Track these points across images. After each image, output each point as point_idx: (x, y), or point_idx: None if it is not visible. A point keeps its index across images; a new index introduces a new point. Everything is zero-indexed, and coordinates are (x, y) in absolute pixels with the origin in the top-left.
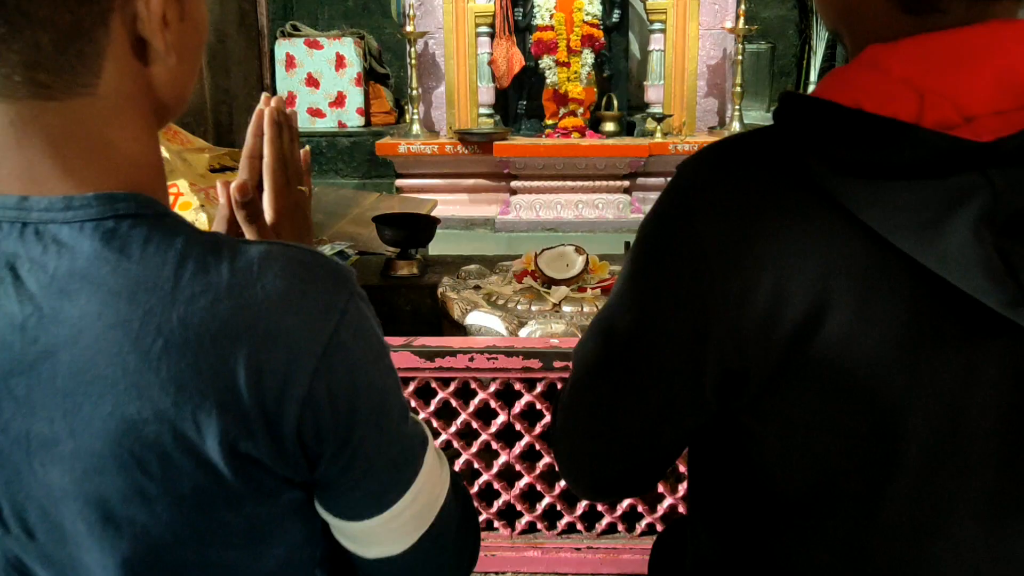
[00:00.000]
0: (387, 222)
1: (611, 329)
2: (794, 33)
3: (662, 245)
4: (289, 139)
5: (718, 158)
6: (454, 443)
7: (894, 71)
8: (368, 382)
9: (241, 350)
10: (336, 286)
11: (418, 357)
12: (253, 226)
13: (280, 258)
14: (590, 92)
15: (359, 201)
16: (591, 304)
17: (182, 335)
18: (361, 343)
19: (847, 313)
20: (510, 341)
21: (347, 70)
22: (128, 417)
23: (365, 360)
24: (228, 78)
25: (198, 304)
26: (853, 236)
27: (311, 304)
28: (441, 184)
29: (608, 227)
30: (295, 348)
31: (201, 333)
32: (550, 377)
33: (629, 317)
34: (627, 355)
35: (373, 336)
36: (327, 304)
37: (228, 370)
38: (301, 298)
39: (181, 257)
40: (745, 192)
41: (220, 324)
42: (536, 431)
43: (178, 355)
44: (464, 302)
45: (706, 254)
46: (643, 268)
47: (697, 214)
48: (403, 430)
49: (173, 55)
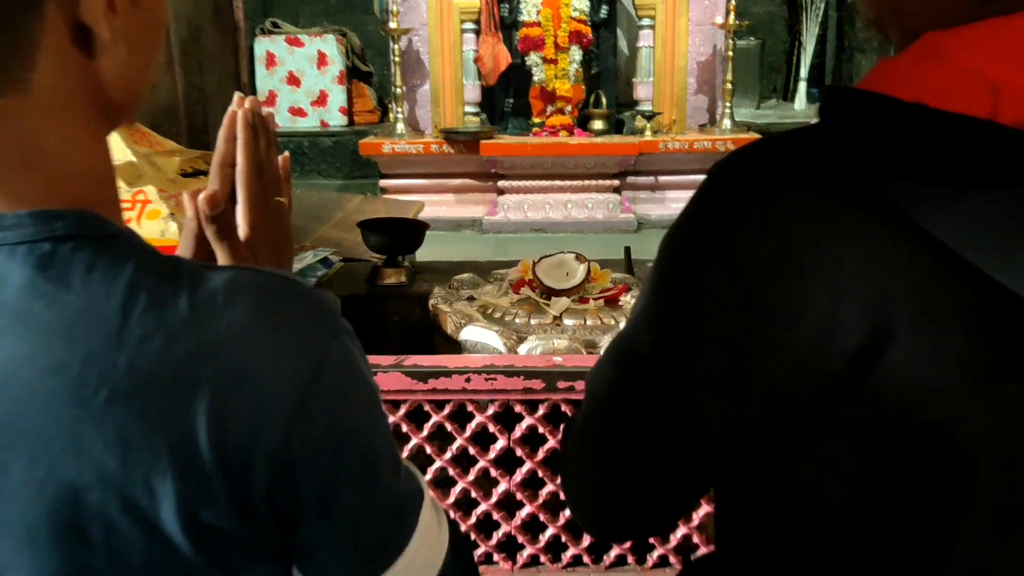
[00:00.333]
0: (373, 228)
1: (634, 353)
2: (783, 29)
3: (695, 262)
4: (266, 144)
5: (759, 162)
6: (449, 470)
7: (960, 61)
8: (354, 433)
9: (201, 400)
10: (317, 320)
11: (410, 378)
12: (224, 243)
13: (250, 287)
14: (578, 89)
15: (343, 204)
16: (594, 317)
17: (130, 383)
18: (346, 388)
19: (911, 340)
20: (509, 360)
21: (329, 68)
22: (66, 482)
23: (351, 408)
24: (202, 75)
25: (150, 345)
26: (917, 251)
27: (286, 343)
28: (426, 184)
29: (598, 227)
30: (266, 396)
31: (153, 380)
32: (553, 399)
33: (656, 340)
34: (652, 381)
35: (360, 378)
36: (306, 342)
37: (186, 424)
38: (274, 336)
39: (131, 288)
40: (792, 201)
41: (176, 369)
42: (539, 456)
43: (126, 407)
44: (458, 315)
45: (747, 273)
46: (672, 287)
47: (737, 227)
48: (395, 485)
49: (122, 45)
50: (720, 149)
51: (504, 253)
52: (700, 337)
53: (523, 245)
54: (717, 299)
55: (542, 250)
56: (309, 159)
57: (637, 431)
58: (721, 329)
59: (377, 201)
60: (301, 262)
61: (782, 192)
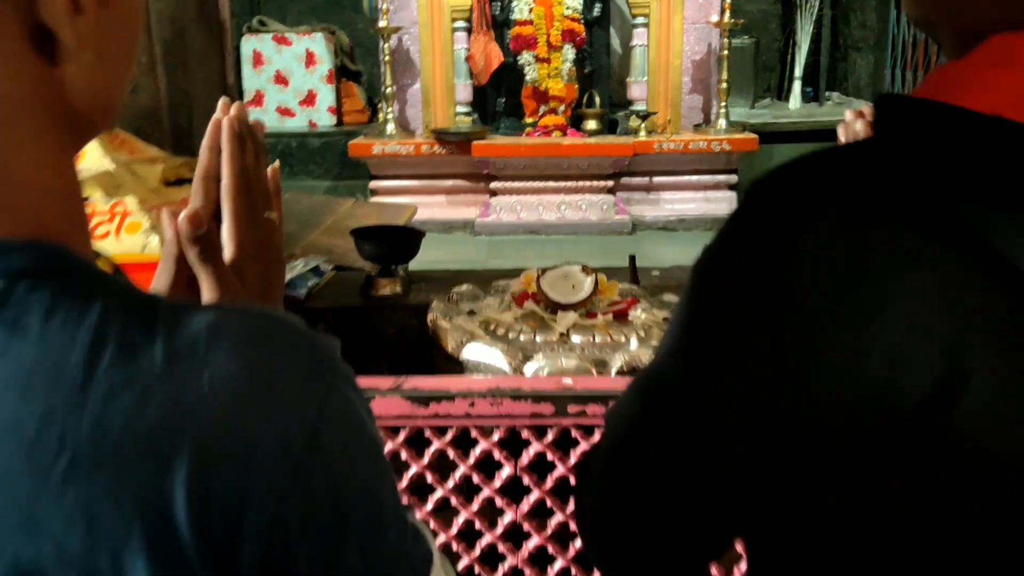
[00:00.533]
0: (367, 236)
1: (663, 390)
2: (777, 27)
3: (736, 294)
4: (254, 155)
5: (810, 182)
6: (452, 500)
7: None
8: (357, 498)
9: (179, 468)
10: (313, 370)
11: (409, 402)
12: (208, 266)
13: (235, 332)
14: (571, 89)
15: (333, 209)
16: (603, 332)
17: (96, 447)
18: (347, 448)
19: (990, 385)
20: (516, 382)
21: (317, 67)
22: (22, 562)
23: (353, 470)
24: (186, 77)
25: (119, 403)
26: (994, 281)
27: (278, 397)
28: (417, 186)
29: (592, 229)
30: (256, 462)
31: (122, 444)
32: (563, 423)
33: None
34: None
35: (363, 433)
36: (301, 396)
37: (161, 495)
38: (265, 390)
39: (97, 334)
40: (849, 226)
41: (150, 431)
42: (547, 485)
43: (90, 476)
44: (459, 332)
45: (800, 307)
46: (709, 321)
47: (787, 256)
48: (402, 549)
49: (90, 50)
50: (716, 149)
51: (497, 255)
52: (742, 376)
53: (516, 247)
54: (763, 336)
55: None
56: (297, 160)
57: (664, 472)
58: (767, 368)
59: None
60: (292, 271)
61: (837, 216)
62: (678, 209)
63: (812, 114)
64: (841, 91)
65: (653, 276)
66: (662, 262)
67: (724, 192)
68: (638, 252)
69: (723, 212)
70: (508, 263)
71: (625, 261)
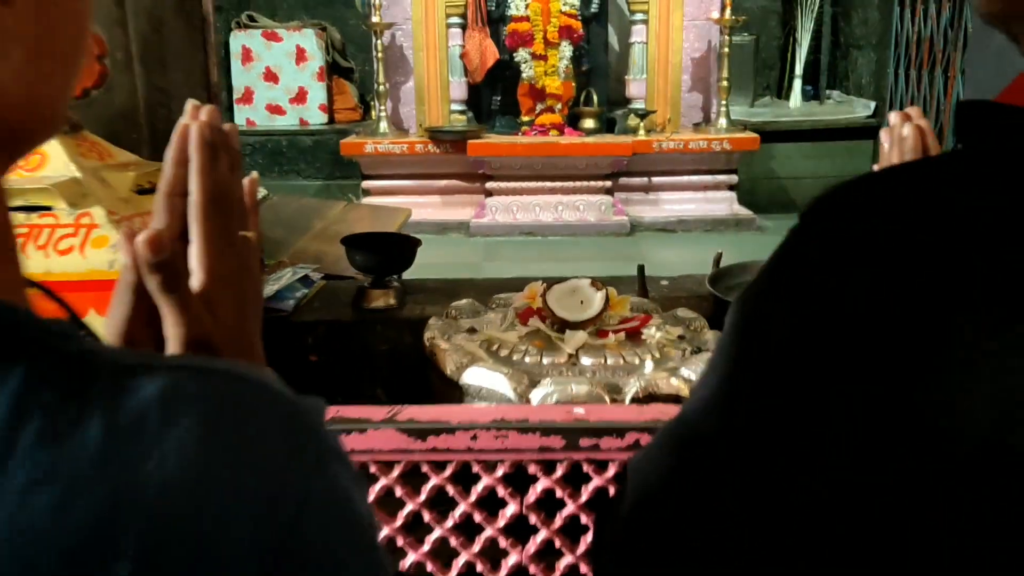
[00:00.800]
0: (359, 245)
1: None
2: (777, 24)
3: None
4: (228, 166)
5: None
6: (452, 541)
7: None
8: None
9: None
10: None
11: (406, 435)
12: (172, 297)
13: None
14: (568, 87)
15: (323, 212)
16: (615, 353)
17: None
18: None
19: None
20: (523, 412)
21: (308, 64)
22: None
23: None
24: (165, 75)
25: (41, 498)
26: None
27: (249, 488)
28: (411, 186)
29: (590, 230)
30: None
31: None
32: (574, 457)
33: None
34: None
35: (353, 521)
36: (277, 483)
37: None
38: (230, 479)
39: (17, 407)
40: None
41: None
42: (556, 524)
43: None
44: (458, 353)
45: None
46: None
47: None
48: None
49: (17, 49)
50: (716, 149)
51: (494, 257)
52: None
53: (513, 249)
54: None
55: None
56: (287, 159)
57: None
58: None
59: (361, 208)
60: (279, 281)
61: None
62: (677, 210)
63: (812, 113)
64: (842, 89)
65: (663, 286)
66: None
67: (724, 192)
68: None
69: (723, 213)
70: (505, 265)
71: (624, 263)
